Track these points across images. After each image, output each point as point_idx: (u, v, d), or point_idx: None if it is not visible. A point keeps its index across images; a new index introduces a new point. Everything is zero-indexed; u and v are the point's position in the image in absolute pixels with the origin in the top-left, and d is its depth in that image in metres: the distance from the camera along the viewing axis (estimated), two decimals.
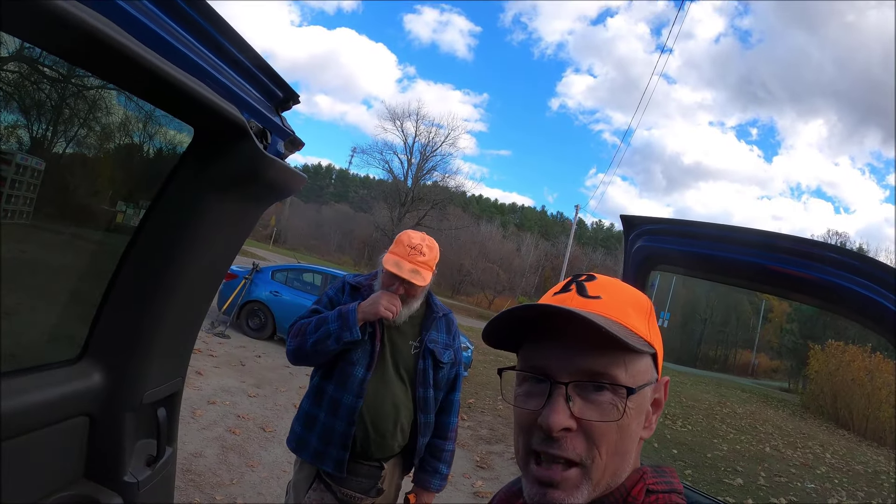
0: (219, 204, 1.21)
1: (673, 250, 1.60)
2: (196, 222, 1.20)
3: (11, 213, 1.15)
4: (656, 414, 0.76)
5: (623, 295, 0.76)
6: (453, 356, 2.29)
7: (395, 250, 2.13)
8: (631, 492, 0.71)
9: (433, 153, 40.84)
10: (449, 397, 2.33)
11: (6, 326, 1.22)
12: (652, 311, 0.77)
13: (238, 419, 5.19)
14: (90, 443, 1.26)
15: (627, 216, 1.72)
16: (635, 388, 0.71)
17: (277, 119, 1.23)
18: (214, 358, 7.27)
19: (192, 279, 1.30)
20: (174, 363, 1.45)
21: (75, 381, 1.20)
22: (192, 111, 1.07)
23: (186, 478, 3.71)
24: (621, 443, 0.71)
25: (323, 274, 10.18)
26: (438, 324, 2.26)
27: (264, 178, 1.21)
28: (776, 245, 1.41)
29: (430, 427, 2.24)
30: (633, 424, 0.71)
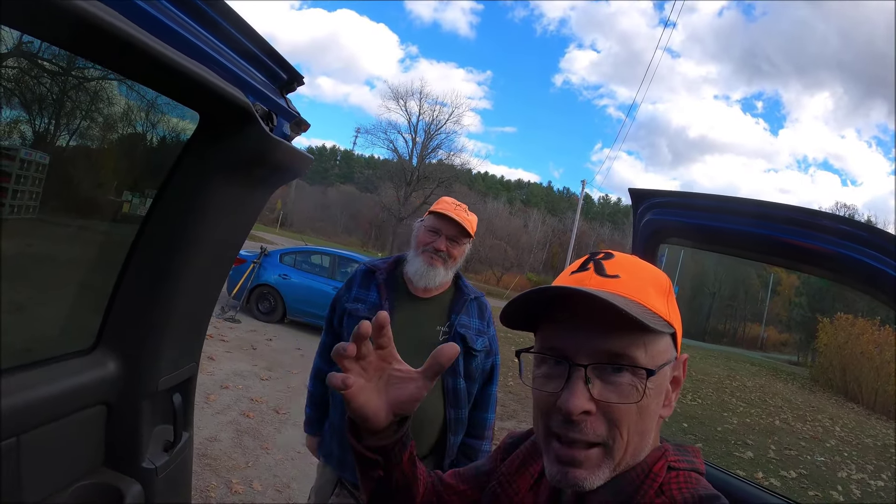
0: (226, 188, 1.20)
1: (682, 223, 1.58)
2: (204, 207, 1.20)
3: (17, 207, 1.15)
4: (675, 392, 0.76)
5: (642, 273, 0.75)
6: (488, 343, 2.06)
7: (439, 206, 2.01)
8: (652, 468, 0.72)
9: (437, 131, 40.62)
10: (485, 390, 2.11)
11: (18, 321, 1.23)
12: (671, 289, 0.77)
13: (251, 403, 5.25)
14: (108, 431, 1.28)
15: (636, 189, 1.70)
16: (655, 370, 0.70)
17: (282, 101, 1.22)
18: (226, 343, 7.34)
19: (202, 264, 1.30)
20: (188, 348, 1.45)
21: (91, 371, 1.21)
22: (197, 96, 1.06)
23: (202, 462, 3.76)
24: (641, 422, 0.70)
25: (331, 255, 10.18)
26: (469, 307, 2.06)
27: (271, 161, 1.20)
28: (785, 217, 1.39)
29: (461, 424, 2.02)
30: (652, 404, 0.71)
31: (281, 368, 6.77)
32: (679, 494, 0.70)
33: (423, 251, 1.97)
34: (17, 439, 1.01)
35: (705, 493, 0.69)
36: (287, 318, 9.67)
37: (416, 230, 2.06)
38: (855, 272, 1.31)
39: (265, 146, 1.15)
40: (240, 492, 3.53)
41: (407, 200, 38.15)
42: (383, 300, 1.98)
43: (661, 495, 0.70)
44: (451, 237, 1.98)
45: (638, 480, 0.72)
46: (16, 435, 1.00)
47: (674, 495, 0.70)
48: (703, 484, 0.72)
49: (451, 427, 1.98)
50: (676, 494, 0.70)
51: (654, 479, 0.71)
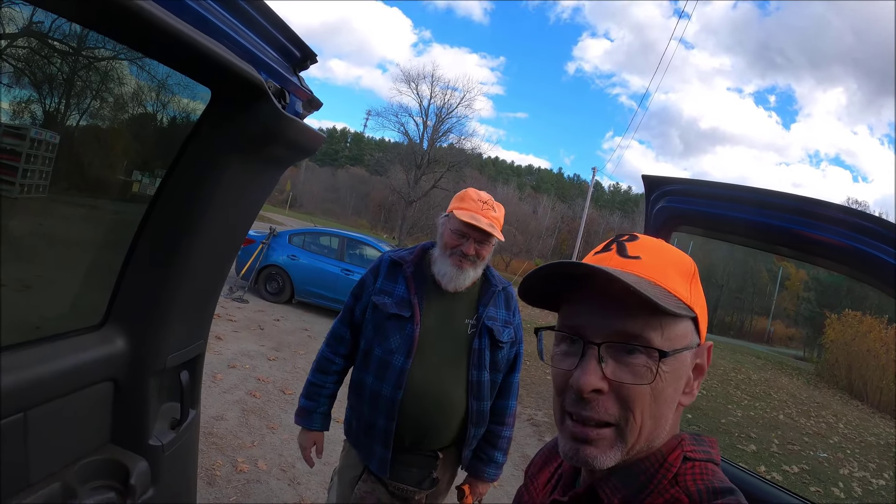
0: (238, 166, 1.20)
1: (695, 211, 1.57)
2: (215, 184, 1.20)
3: (27, 187, 1.16)
4: (698, 380, 0.75)
5: (665, 256, 0.74)
6: (513, 334, 2.04)
7: (465, 205, 1.93)
8: (668, 458, 0.71)
9: (449, 115, 40.31)
10: (508, 379, 2.10)
11: (27, 299, 1.24)
12: (695, 274, 0.75)
13: (258, 382, 5.30)
14: (115, 408, 1.29)
15: (649, 176, 1.68)
16: (669, 352, 0.69)
17: (295, 79, 1.22)
18: (234, 322, 7.39)
19: (212, 242, 1.30)
20: (196, 326, 1.46)
21: (99, 347, 1.22)
22: (209, 72, 1.06)
23: (208, 441, 3.81)
24: (656, 407, 0.69)
25: (340, 237, 10.18)
26: (497, 299, 2.02)
27: (283, 139, 1.20)
28: (801, 209, 1.37)
29: (483, 416, 2.00)
30: (668, 389, 0.70)
31: (288, 349, 6.81)
32: (694, 485, 0.68)
33: (452, 254, 1.92)
34: (23, 415, 1.01)
35: (721, 486, 0.68)
36: (295, 299, 9.71)
37: (440, 228, 1.99)
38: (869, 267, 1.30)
39: (277, 124, 1.15)
40: (245, 471, 3.58)
41: (417, 184, 37.97)
42: (412, 295, 1.94)
43: (675, 485, 0.69)
44: (479, 240, 1.92)
45: (652, 469, 0.71)
46: (23, 410, 1.01)
47: (688, 486, 0.69)
48: (718, 476, 0.71)
49: (473, 419, 1.97)
50: (691, 485, 0.69)
51: (669, 469, 0.70)
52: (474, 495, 2.14)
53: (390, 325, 1.93)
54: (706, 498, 0.67)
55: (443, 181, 37.25)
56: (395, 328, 1.93)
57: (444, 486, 2.11)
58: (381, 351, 1.94)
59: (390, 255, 2.06)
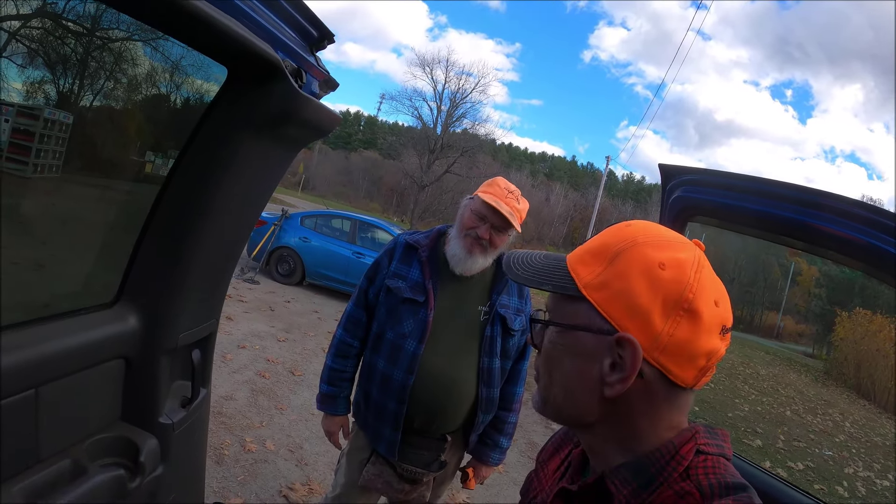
0: (253, 145, 1.20)
1: (711, 202, 1.55)
2: (230, 164, 1.20)
3: (41, 167, 1.16)
4: (617, 375, 0.69)
5: (598, 237, 0.76)
6: (524, 322, 2.03)
7: (490, 190, 1.91)
8: (680, 450, 0.69)
9: (463, 100, 40.07)
10: (517, 366, 2.10)
11: (40, 277, 1.25)
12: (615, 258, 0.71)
13: (268, 363, 5.34)
14: (126, 385, 1.30)
15: (666, 165, 1.67)
16: (552, 322, 0.76)
17: (312, 59, 1.21)
18: (244, 303, 7.44)
19: (225, 221, 1.30)
20: (208, 305, 1.46)
21: (111, 325, 1.22)
22: (226, 50, 1.06)
23: (217, 420, 3.84)
24: (558, 375, 0.75)
25: (352, 220, 10.17)
26: (510, 287, 2.01)
27: (300, 118, 1.19)
28: (820, 203, 1.35)
29: (492, 403, 2.00)
30: (565, 361, 0.74)
31: (298, 330, 6.85)
32: (706, 480, 0.67)
33: (466, 235, 1.91)
34: (35, 391, 1.02)
35: (733, 481, 0.67)
36: (306, 280, 9.75)
37: (462, 208, 1.99)
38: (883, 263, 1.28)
39: (294, 103, 1.14)
40: (253, 450, 3.61)
41: (429, 168, 37.86)
42: (426, 280, 1.93)
43: (686, 479, 0.68)
44: (497, 226, 1.91)
45: (663, 461, 0.69)
46: (34, 387, 1.02)
47: (700, 480, 0.67)
48: (730, 471, 0.69)
49: (482, 405, 1.97)
50: (703, 480, 0.67)
51: (680, 462, 0.69)
52: (477, 479, 2.16)
53: (404, 309, 1.93)
54: (718, 493, 0.65)
55: (456, 166, 37.13)
56: (408, 312, 1.92)
57: (450, 469, 2.12)
58: (393, 335, 1.93)
59: (406, 237, 2.04)
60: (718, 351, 0.70)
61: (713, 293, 0.69)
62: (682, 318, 0.67)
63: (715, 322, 0.69)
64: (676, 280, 0.68)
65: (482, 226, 1.89)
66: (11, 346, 0.98)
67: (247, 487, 3.20)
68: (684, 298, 0.67)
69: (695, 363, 0.69)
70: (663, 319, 0.67)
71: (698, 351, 0.68)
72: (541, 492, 0.91)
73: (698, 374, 0.70)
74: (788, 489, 1.64)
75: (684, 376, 0.69)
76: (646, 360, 0.68)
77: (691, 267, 0.69)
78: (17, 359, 0.98)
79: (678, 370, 0.68)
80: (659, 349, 0.68)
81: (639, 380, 0.69)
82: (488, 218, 1.89)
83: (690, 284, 0.68)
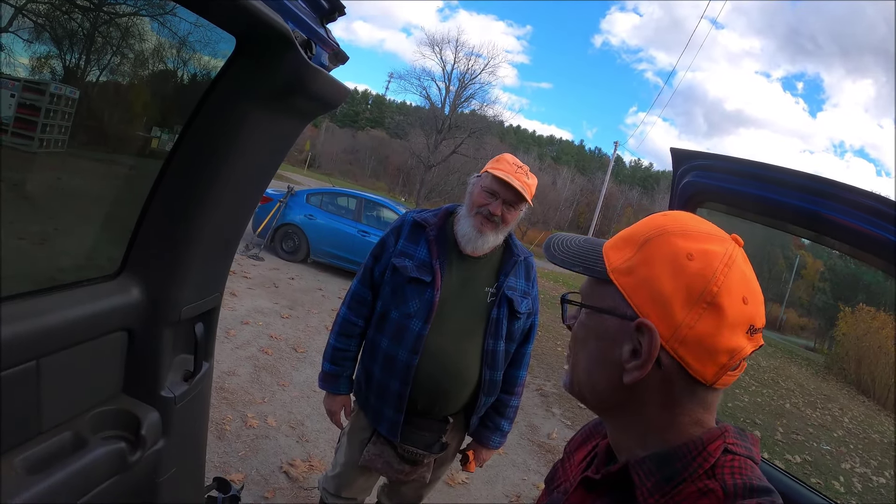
0: (260, 117, 1.18)
1: (723, 188, 1.52)
2: (236, 135, 1.18)
3: (47, 141, 1.15)
4: (634, 363, 0.69)
5: (633, 226, 0.76)
6: (531, 305, 2.02)
7: (500, 166, 1.88)
8: (707, 447, 0.68)
9: (472, 81, 39.79)
10: (521, 350, 2.08)
11: (44, 250, 1.25)
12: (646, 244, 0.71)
13: (271, 339, 5.36)
14: (129, 358, 1.29)
15: (677, 149, 1.64)
16: (585, 304, 0.76)
17: (322, 31, 1.18)
18: (248, 279, 7.45)
19: (231, 194, 1.29)
20: (212, 279, 1.45)
21: (114, 297, 1.21)
22: (236, 19, 1.04)
23: (219, 395, 3.86)
24: (582, 356, 0.76)
25: (357, 198, 10.14)
26: (518, 269, 1.99)
27: (309, 90, 1.17)
28: (835, 194, 1.32)
29: (494, 385, 1.99)
30: (590, 342, 0.75)
31: (301, 308, 6.87)
32: (731, 480, 0.66)
33: (477, 213, 1.88)
34: (37, 362, 1.01)
35: (759, 485, 0.65)
36: (310, 258, 9.75)
37: (471, 186, 1.96)
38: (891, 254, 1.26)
39: (303, 75, 1.12)
40: (254, 426, 3.63)
41: (437, 148, 37.74)
42: (434, 259, 1.91)
43: (711, 477, 0.67)
44: (509, 202, 1.88)
45: (689, 457, 0.68)
46: (36, 358, 1.01)
47: (725, 480, 0.66)
48: (756, 474, 0.68)
49: (485, 387, 1.96)
50: (728, 479, 0.66)
51: (707, 459, 0.68)
52: (478, 461, 2.16)
53: (409, 288, 1.91)
54: (742, 494, 0.64)
55: (463, 147, 37.01)
56: (414, 292, 1.90)
57: (451, 451, 2.12)
58: (398, 314, 1.91)
59: (413, 215, 2.01)
60: (743, 350, 0.67)
61: (742, 290, 0.67)
62: (705, 312, 0.66)
63: (741, 320, 0.67)
64: (702, 272, 0.66)
65: (494, 202, 1.87)
66: (13, 316, 0.97)
67: (247, 463, 3.22)
68: (708, 291, 0.66)
69: (715, 359, 0.67)
70: (685, 310, 0.66)
71: (719, 347, 0.66)
72: (565, 481, 0.90)
73: (719, 372, 0.68)
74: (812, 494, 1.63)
75: (703, 371, 0.67)
76: (665, 351, 0.67)
77: (720, 260, 0.67)
78: (19, 330, 0.97)
79: (697, 364, 0.67)
80: (678, 340, 0.67)
81: (657, 370, 0.68)
82: (500, 194, 1.87)
83: (717, 278, 0.66)
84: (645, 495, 0.68)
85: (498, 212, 1.86)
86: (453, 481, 3.65)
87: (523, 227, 46.19)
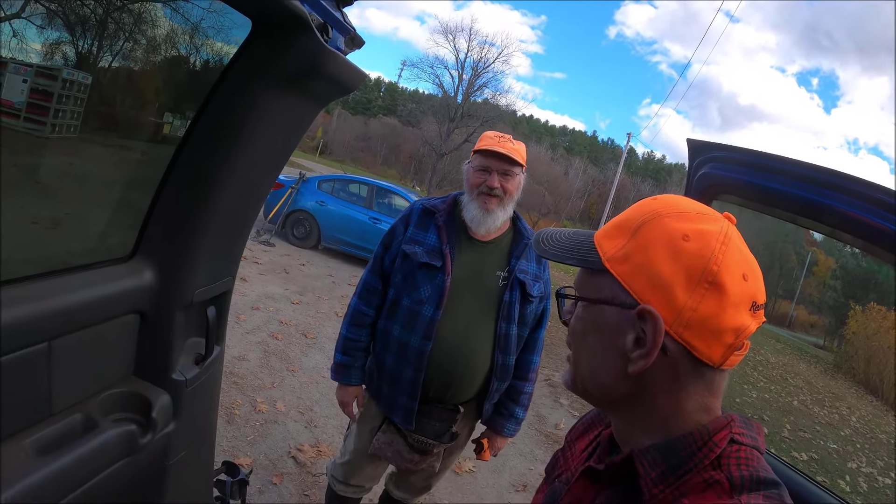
0: (275, 101, 1.17)
1: (739, 180, 1.50)
2: (251, 119, 1.17)
3: (59, 127, 1.15)
4: (639, 351, 0.68)
5: (626, 211, 0.75)
6: (542, 289, 2.01)
7: (482, 143, 1.90)
8: (713, 437, 0.67)
9: (485, 70, 39.56)
10: (534, 334, 2.06)
11: (57, 234, 1.25)
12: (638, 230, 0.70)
13: (281, 325, 5.38)
14: (140, 340, 1.28)
15: (693, 140, 1.62)
16: (580, 297, 0.75)
17: (339, 14, 1.16)
18: (260, 265, 7.48)
19: (244, 178, 1.28)
20: (225, 263, 1.45)
21: (126, 279, 1.21)
22: (252, 1, 1.03)
23: (229, 380, 3.89)
24: (583, 350, 0.75)
25: (369, 185, 10.12)
26: (529, 252, 1.96)
27: (325, 74, 1.16)
28: (852, 189, 1.29)
29: (507, 370, 1.97)
30: (588, 336, 0.73)
31: (312, 293, 6.89)
32: (737, 471, 0.64)
33: (478, 194, 1.89)
34: (48, 344, 1.01)
35: (766, 477, 0.64)
36: (321, 244, 9.77)
37: (465, 173, 1.97)
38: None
39: (320, 58, 1.11)
40: (263, 411, 3.66)
41: (449, 137, 37.64)
42: (444, 245, 1.90)
43: (717, 468, 0.65)
44: (503, 171, 1.88)
45: (695, 446, 0.67)
46: (48, 340, 1.01)
47: (731, 471, 0.65)
48: (762, 465, 0.67)
49: (497, 373, 1.94)
50: (734, 471, 0.65)
51: (713, 449, 0.66)
52: (492, 450, 2.14)
53: (420, 274, 1.90)
54: (748, 486, 0.63)
55: (475, 136, 36.84)
56: (425, 278, 1.89)
57: (461, 440, 2.11)
58: (409, 301, 1.90)
59: (422, 203, 2.02)
60: (748, 328, 0.66)
61: (742, 267, 0.66)
62: (707, 292, 0.65)
63: (743, 297, 0.66)
64: (700, 252, 0.65)
65: (489, 177, 1.87)
66: (25, 298, 0.97)
67: (256, 447, 3.25)
68: (708, 271, 0.65)
69: (721, 339, 0.66)
70: (686, 293, 0.65)
71: (725, 326, 0.65)
72: (566, 470, 0.89)
73: (726, 352, 0.67)
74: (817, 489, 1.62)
75: (711, 353, 0.66)
76: (669, 336, 0.66)
77: (716, 239, 0.66)
78: (31, 311, 0.97)
79: (704, 347, 0.66)
80: (682, 324, 0.66)
81: (662, 356, 0.67)
82: (491, 166, 1.88)
83: (715, 256, 0.65)
84: (649, 485, 0.67)
85: (496, 184, 1.86)
86: (460, 469, 3.66)
87: (534, 218, 46.08)
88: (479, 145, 1.91)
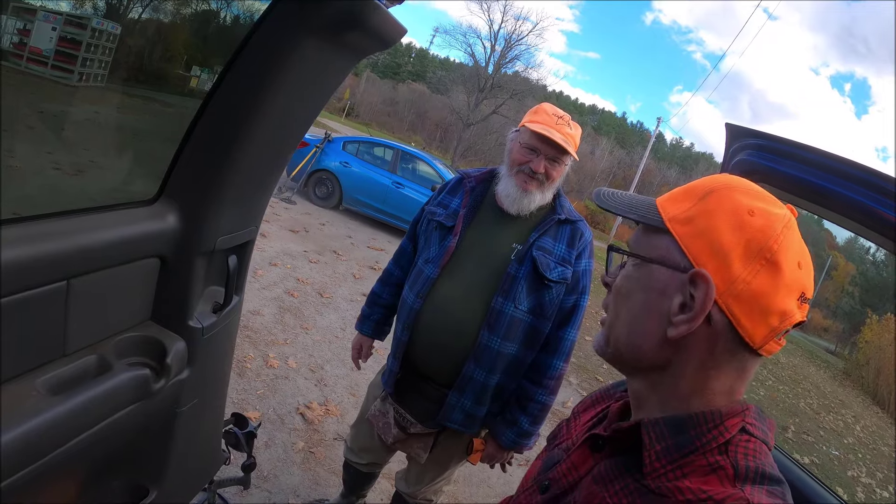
0: (312, 51, 1.13)
1: (776, 170, 1.45)
2: (286, 68, 1.13)
3: (86, 76, 1.15)
4: (684, 316, 0.66)
5: (690, 183, 0.75)
6: (567, 276, 1.74)
7: (538, 119, 1.71)
8: (725, 421, 0.66)
9: (518, 42, 38.87)
10: (559, 333, 1.78)
11: (81, 178, 1.24)
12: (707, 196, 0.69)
13: (297, 283, 5.39)
14: (159, 285, 1.27)
15: (733, 125, 1.58)
16: (633, 254, 0.73)
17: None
18: (280, 222, 7.49)
19: (274, 127, 1.25)
20: (249, 212, 1.43)
21: (149, 222, 1.19)
22: None
23: (243, 334, 3.91)
24: (624, 309, 0.73)
25: (394, 149, 10.00)
26: (561, 231, 1.76)
27: (365, 25, 1.12)
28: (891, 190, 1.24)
29: (490, 355, 1.72)
30: (634, 295, 0.72)
31: (330, 253, 6.90)
32: (744, 461, 0.63)
33: (518, 172, 1.74)
34: (66, 283, 1.00)
35: (771, 472, 0.63)
36: (342, 205, 9.75)
37: (509, 143, 1.81)
38: None
39: (361, 8, 1.07)
40: (275, 366, 3.68)
41: (477, 107, 37.25)
42: (463, 208, 1.80)
43: (723, 454, 0.64)
44: (552, 157, 1.72)
45: (705, 427, 0.66)
46: (66, 279, 0.99)
47: (738, 459, 0.63)
48: (769, 461, 0.65)
49: (477, 352, 1.73)
50: (741, 460, 0.63)
51: (723, 433, 0.65)
52: (489, 459, 1.90)
53: (435, 235, 1.84)
54: (752, 478, 0.61)
55: (503, 108, 36.50)
56: (436, 238, 1.83)
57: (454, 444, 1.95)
58: (421, 260, 1.86)
59: (462, 172, 1.93)
60: (793, 315, 0.65)
61: (798, 255, 0.66)
62: (763, 268, 0.64)
63: (796, 284, 0.65)
64: (763, 229, 0.65)
65: (535, 159, 1.72)
66: (46, 235, 0.95)
67: (265, 402, 3.27)
68: (768, 248, 0.64)
69: (767, 320, 0.65)
70: (743, 264, 0.65)
71: (773, 307, 0.64)
72: (568, 439, 0.88)
73: (768, 335, 0.65)
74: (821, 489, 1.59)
75: (754, 332, 0.65)
76: (717, 305, 0.65)
77: (780, 221, 0.66)
78: (51, 248, 0.95)
79: (749, 323, 0.65)
80: (733, 295, 0.65)
81: (705, 326, 0.66)
82: (540, 150, 1.72)
83: (777, 236, 0.65)
84: (652, 458, 0.66)
85: (541, 169, 1.71)
86: None
87: None
88: (533, 120, 1.73)
